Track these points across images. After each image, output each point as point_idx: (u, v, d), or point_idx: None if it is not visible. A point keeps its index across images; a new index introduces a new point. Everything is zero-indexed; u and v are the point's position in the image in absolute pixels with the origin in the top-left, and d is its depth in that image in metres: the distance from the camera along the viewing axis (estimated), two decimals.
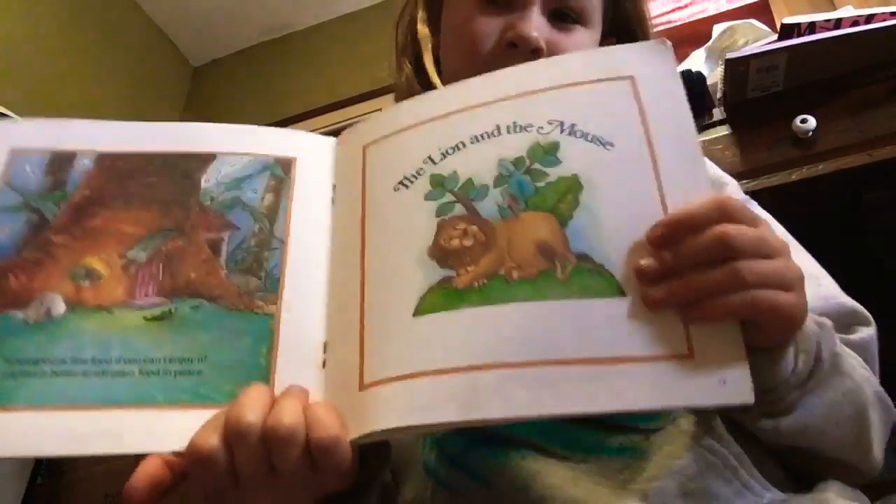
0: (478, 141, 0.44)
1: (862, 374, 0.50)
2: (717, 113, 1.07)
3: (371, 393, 0.38)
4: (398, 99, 0.80)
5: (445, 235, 0.41)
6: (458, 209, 0.41)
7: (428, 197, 0.43)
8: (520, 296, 0.38)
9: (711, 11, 1.77)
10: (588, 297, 0.37)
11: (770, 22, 1.49)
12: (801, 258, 0.59)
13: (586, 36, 0.67)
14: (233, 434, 0.36)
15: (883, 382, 0.54)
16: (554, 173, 0.41)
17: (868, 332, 0.57)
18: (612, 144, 0.41)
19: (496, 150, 0.43)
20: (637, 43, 0.46)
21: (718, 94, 1.09)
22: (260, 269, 0.43)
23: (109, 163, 0.46)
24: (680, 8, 1.83)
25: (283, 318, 0.41)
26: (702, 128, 1.06)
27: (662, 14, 1.84)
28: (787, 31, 1.03)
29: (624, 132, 0.42)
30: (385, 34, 0.85)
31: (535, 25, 0.63)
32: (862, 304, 0.61)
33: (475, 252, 0.40)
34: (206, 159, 0.46)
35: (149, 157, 0.46)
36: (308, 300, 0.42)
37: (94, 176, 0.45)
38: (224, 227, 0.44)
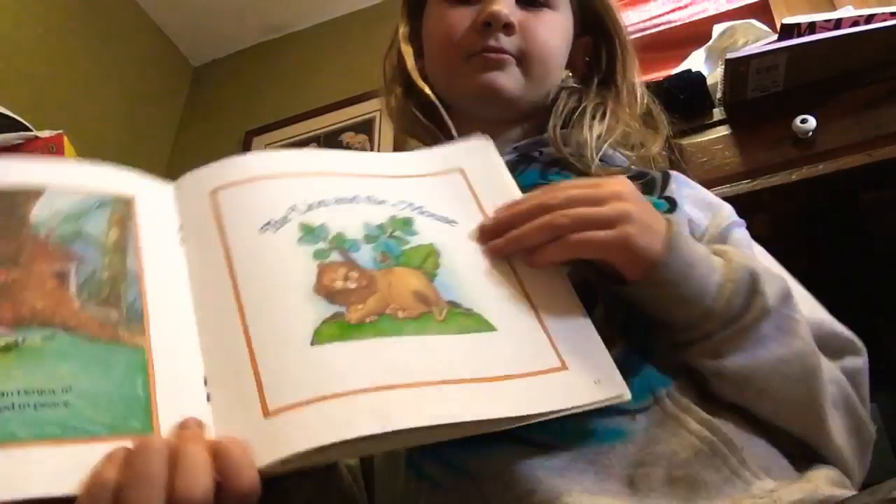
0: (341, 202, 0.49)
1: (820, 361, 0.52)
2: (717, 113, 1.07)
3: (281, 419, 0.37)
4: (396, 126, 0.83)
5: (328, 277, 0.44)
6: (335, 256, 0.45)
7: (302, 241, 0.46)
8: (410, 331, 0.42)
9: (711, 11, 1.77)
10: (468, 333, 0.43)
11: (770, 22, 1.49)
12: (796, 288, 0.59)
13: (555, 17, 0.72)
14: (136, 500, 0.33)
15: (885, 383, 0.54)
16: (413, 241, 0.48)
17: (858, 362, 0.58)
18: (455, 222, 0.50)
19: (360, 215, 0.48)
20: (462, 142, 0.58)
21: (718, 94, 1.09)
22: (119, 301, 0.42)
23: None
24: (680, 8, 1.83)
25: (155, 350, 0.40)
26: (702, 128, 1.06)
27: (662, 14, 1.84)
28: (787, 31, 1.03)
29: (464, 212, 0.51)
30: (385, 34, 0.85)
31: (504, 9, 0.68)
32: (861, 303, 0.62)
33: (361, 293, 0.44)
34: (33, 195, 0.44)
35: None
36: (178, 335, 0.42)
37: None
38: (67, 258, 0.43)
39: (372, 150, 2.01)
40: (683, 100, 1.08)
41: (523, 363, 0.43)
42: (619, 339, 0.50)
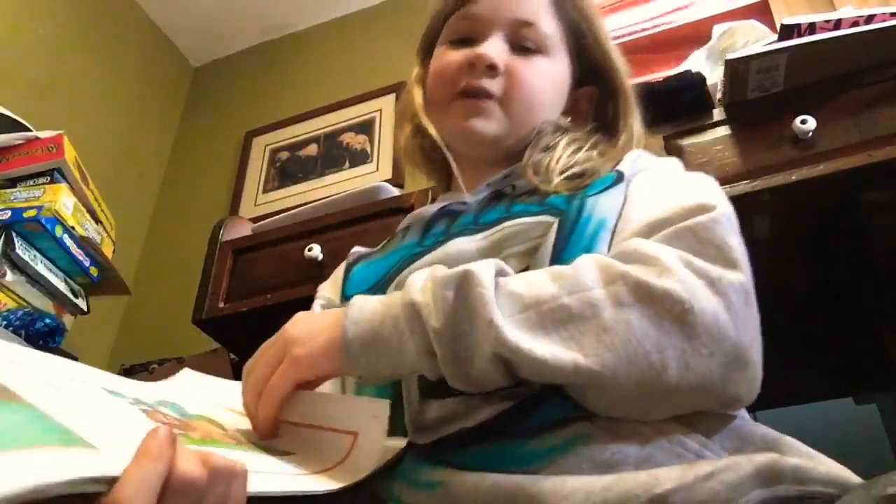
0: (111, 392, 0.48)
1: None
2: (717, 113, 1.07)
3: None
4: (405, 160, 0.88)
5: (156, 418, 0.44)
6: (145, 408, 0.45)
7: (113, 395, 0.45)
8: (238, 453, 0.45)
9: (711, 12, 1.77)
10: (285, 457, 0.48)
11: (770, 22, 1.49)
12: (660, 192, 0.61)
13: (546, 63, 0.76)
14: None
15: (885, 383, 0.54)
16: (189, 411, 0.50)
17: (705, 218, 0.53)
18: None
19: (138, 393, 0.49)
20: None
21: (718, 95, 1.09)
22: None
23: None
24: (680, 8, 1.83)
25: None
26: (702, 128, 1.06)
27: (663, 14, 1.84)
28: (787, 31, 1.03)
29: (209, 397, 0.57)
30: (385, 35, 0.85)
31: (493, 48, 0.73)
32: (861, 303, 0.61)
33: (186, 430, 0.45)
34: None
35: None
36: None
37: None
38: None
39: (372, 150, 2.01)
40: (683, 100, 1.08)
41: (334, 458, 0.49)
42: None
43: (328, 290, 0.79)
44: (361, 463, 0.48)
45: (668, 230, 0.52)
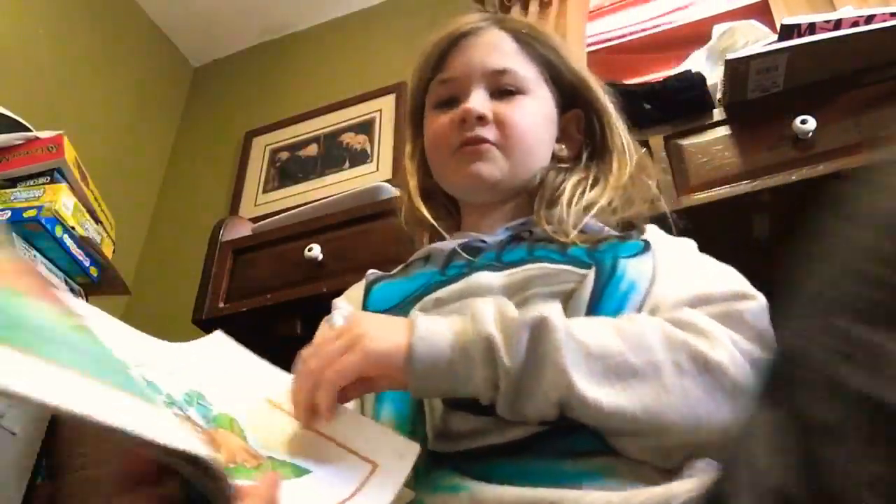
0: (150, 367, 0.51)
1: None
2: (717, 113, 1.07)
3: None
4: (404, 221, 0.90)
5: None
6: (177, 411, 0.48)
7: (150, 386, 0.48)
8: (259, 476, 0.46)
9: (711, 12, 1.77)
10: (296, 477, 0.49)
11: (770, 23, 1.49)
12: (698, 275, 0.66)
13: (529, 101, 0.79)
14: None
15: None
16: (214, 409, 0.52)
17: (749, 304, 0.58)
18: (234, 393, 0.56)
19: (170, 380, 0.51)
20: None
21: (718, 95, 1.09)
22: None
23: None
24: (680, 8, 1.83)
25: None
26: (702, 128, 1.06)
27: (663, 14, 1.84)
28: (787, 31, 1.03)
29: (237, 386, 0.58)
30: (385, 35, 0.86)
31: (477, 101, 0.77)
32: None
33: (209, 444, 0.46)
34: None
35: None
36: None
37: None
38: None
39: (372, 150, 2.01)
40: (683, 100, 1.08)
41: (347, 485, 0.48)
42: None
43: (346, 303, 0.80)
44: (373, 500, 0.48)
45: (715, 309, 0.57)
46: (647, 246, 0.69)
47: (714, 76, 1.15)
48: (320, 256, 1.21)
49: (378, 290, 0.77)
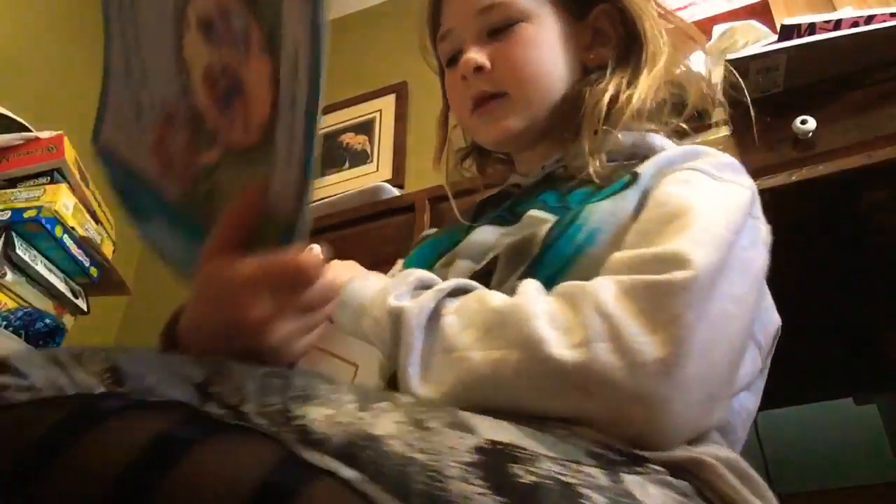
0: None
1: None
2: (717, 113, 1.07)
3: None
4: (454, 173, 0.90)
5: None
6: None
7: None
8: None
9: (711, 12, 1.76)
10: None
11: (770, 23, 1.49)
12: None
13: (528, 29, 0.74)
14: None
15: (885, 383, 0.54)
16: None
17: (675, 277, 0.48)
18: None
19: None
20: None
21: (718, 95, 1.09)
22: None
23: None
24: (680, 8, 1.83)
25: None
26: (702, 128, 1.06)
27: None
28: (787, 32, 1.03)
29: None
30: (385, 35, 0.86)
31: (470, 55, 0.73)
32: (860, 304, 0.61)
33: None
34: None
35: None
36: None
37: None
38: None
39: (372, 150, 2.01)
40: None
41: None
42: None
43: (399, 266, 0.82)
44: None
45: (625, 280, 0.49)
46: (631, 180, 0.62)
47: (714, 76, 1.15)
48: (321, 257, 1.21)
49: (418, 250, 0.79)
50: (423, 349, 0.52)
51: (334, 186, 1.93)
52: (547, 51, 0.74)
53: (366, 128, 2.05)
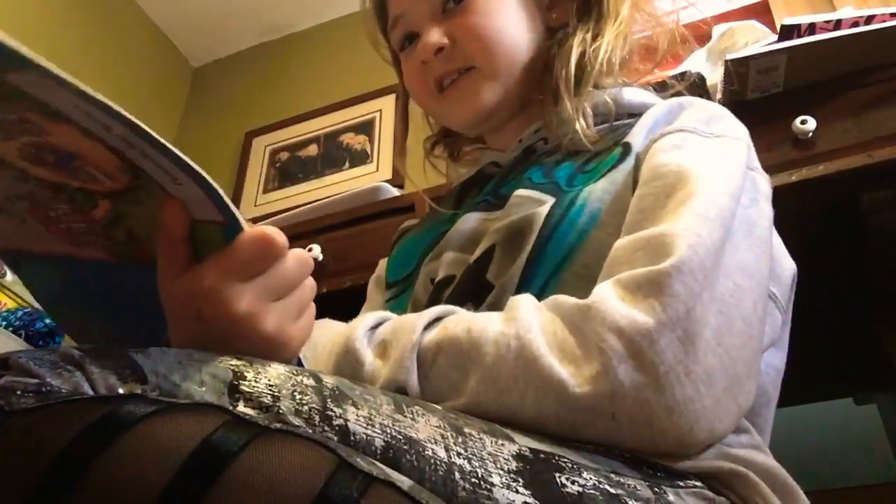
0: None
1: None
2: None
3: None
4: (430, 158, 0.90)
5: None
6: None
7: None
8: None
9: (712, 12, 1.77)
10: None
11: (770, 23, 1.49)
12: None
13: (481, 1, 0.70)
14: None
15: (885, 383, 0.53)
16: None
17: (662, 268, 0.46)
18: None
19: None
20: None
21: (718, 95, 1.09)
22: None
23: None
24: (680, 9, 1.83)
25: None
26: None
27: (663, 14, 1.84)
28: (787, 32, 1.03)
29: None
30: None
31: (426, 38, 0.70)
32: (860, 305, 0.61)
33: None
34: None
35: None
36: None
37: None
38: None
39: (372, 150, 2.01)
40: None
41: None
42: None
43: (383, 266, 0.79)
44: None
45: (626, 280, 0.46)
46: (624, 152, 0.60)
47: (714, 76, 1.15)
48: (320, 256, 1.21)
49: (400, 249, 0.75)
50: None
51: (334, 186, 1.93)
52: (506, 15, 0.71)
53: (366, 128, 2.06)
